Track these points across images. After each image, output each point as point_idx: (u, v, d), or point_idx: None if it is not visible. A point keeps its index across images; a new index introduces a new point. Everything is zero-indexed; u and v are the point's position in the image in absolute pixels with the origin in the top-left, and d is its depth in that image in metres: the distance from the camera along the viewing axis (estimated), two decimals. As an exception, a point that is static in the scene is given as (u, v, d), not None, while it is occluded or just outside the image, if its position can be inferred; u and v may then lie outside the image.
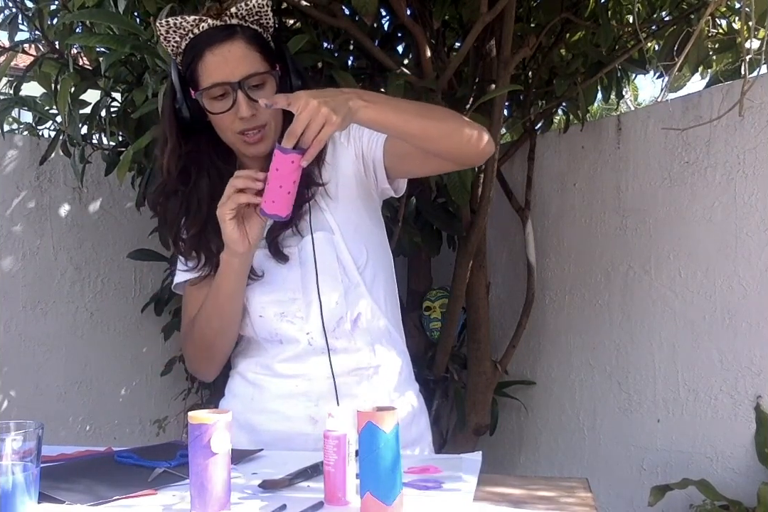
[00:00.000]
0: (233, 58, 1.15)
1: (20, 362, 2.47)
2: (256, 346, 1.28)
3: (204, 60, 1.15)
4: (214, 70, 1.15)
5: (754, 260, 1.96)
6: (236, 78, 1.14)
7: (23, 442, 0.79)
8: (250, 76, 1.15)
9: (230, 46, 1.15)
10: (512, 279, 2.60)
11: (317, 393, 1.22)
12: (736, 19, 2.22)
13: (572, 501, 0.91)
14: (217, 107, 1.17)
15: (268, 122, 1.19)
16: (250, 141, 1.19)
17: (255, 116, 1.16)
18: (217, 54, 1.15)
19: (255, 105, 1.15)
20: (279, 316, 1.22)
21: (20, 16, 2.05)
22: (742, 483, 1.95)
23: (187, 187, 1.24)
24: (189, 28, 1.16)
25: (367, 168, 1.24)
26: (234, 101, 1.15)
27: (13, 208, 2.49)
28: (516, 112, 2.54)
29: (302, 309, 1.21)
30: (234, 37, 1.15)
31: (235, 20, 1.17)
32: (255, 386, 1.27)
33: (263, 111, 1.16)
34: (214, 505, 0.84)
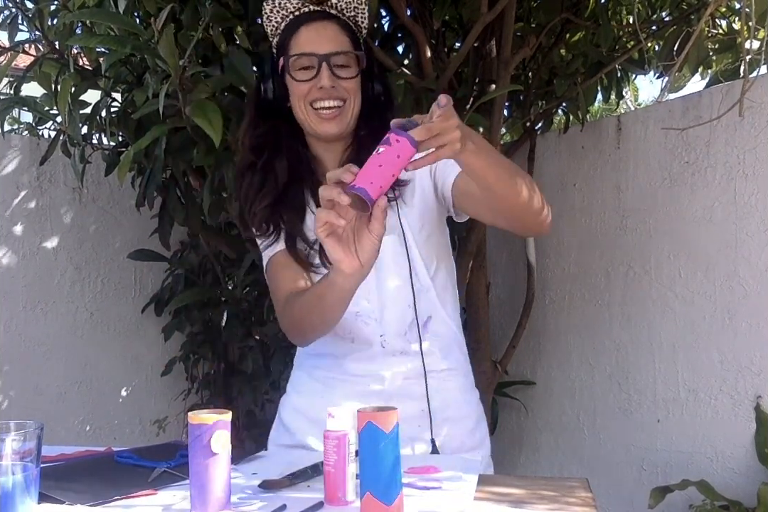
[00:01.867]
0: (325, 35, 1.19)
1: (20, 362, 2.47)
2: (324, 343, 1.24)
3: (298, 33, 1.20)
4: (305, 41, 1.19)
5: (754, 260, 1.96)
6: (324, 51, 1.17)
7: (23, 442, 0.79)
8: (338, 53, 1.18)
9: (325, 25, 1.20)
10: (512, 279, 2.60)
11: (388, 393, 1.21)
12: (735, 20, 2.22)
13: (572, 501, 0.91)
14: (300, 75, 1.19)
15: (347, 99, 1.20)
16: (325, 117, 1.19)
17: (335, 88, 1.18)
18: (311, 29, 1.19)
19: (337, 81, 1.18)
20: (354, 315, 1.21)
21: (20, 16, 2.05)
22: (742, 483, 1.95)
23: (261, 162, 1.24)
24: (291, 10, 1.22)
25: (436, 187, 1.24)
26: (317, 72, 1.17)
27: (13, 208, 2.49)
28: (516, 112, 2.54)
29: (376, 311, 1.22)
30: (329, 20, 1.20)
31: (334, 11, 1.22)
32: (325, 384, 1.26)
33: (344, 86, 1.19)
34: (214, 505, 0.84)
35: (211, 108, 1.55)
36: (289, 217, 1.23)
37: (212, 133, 1.52)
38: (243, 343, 2.60)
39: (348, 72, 1.19)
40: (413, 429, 1.20)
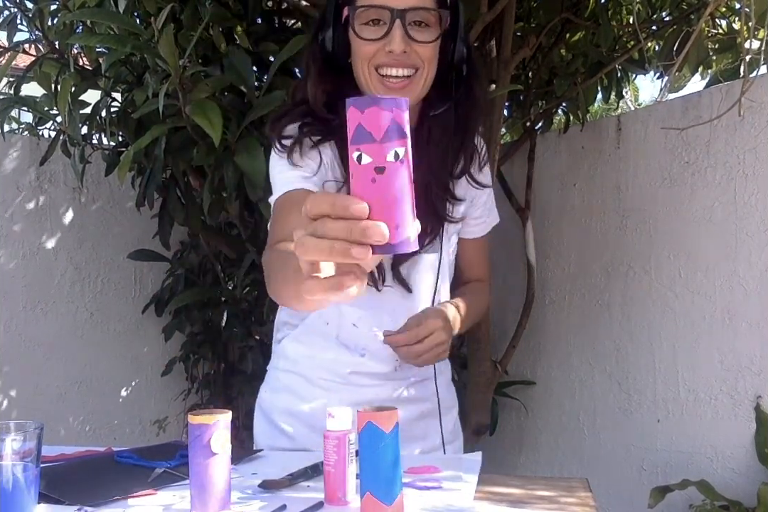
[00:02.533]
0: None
1: (20, 362, 2.48)
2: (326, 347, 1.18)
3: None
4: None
5: (754, 260, 1.96)
6: (399, 4, 0.98)
7: (23, 442, 0.79)
8: (416, 9, 0.98)
9: None
10: (512, 279, 2.60)
11: (392, 400, 1.20)
12: (735, 20, 2.22)
13: (572, 501, 0.91)
14: (366, 33, 1.01)
15: (419, 67, 1.02)
16: (392, 86, 1.02)
17: (406, 53, 1.00)
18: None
19: (411, 44, 0.99)
20: (374, 336, 1.14)
21: (20, 16, 2.05)
22: (742, 483, 1.95)
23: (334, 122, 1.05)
24: None
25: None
26: (388, 31, 0.98)
27: (14, 208, 2.49)
28: (516, 112, 2.54)
29: None
30: None
31: None
32: (328, 391, 1.20)
33: (419, 52, 1.00)
34: (214, 505, 0.84)
35: (212, 107, 1.55)
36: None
37: (212, 133, 1.52)
38: (243, 343, 2.60)
39: (426, 34, 1.00)
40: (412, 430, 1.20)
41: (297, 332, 1.22)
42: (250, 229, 2.17)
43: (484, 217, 1.27)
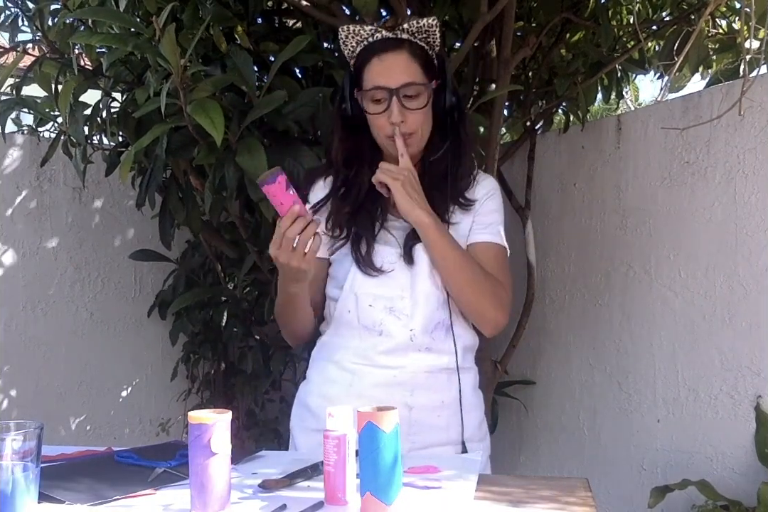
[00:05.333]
0: (396, 67, 1.28)
1: (20, 362, 2.48)
2: (352, 336, 1.35)
3: (371, 64, 1.29)
4: (377, 74, 1.29)
5: (754, 260, 1.96)
6: (394, 85, 1.27)
7: (23, 442, 0.79)
8: (407, 85, 1.27)
9: (396, 56, 1.28)
10: (512, 278, 2.60)
11: (413, 383, 1.31)
12: (736, 19, 2.22)
13: (572, 501, 0.91)
14: (373, 108, 1.30)
15: (415, 131, 1.31)
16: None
17: (404, 122, 1.28)
18: (384, 60, 1.28)
19: (406, 112, 1.28)
20: (387, 310, 1.32)
21: (22, 17, 2.05)
22: (742, 483, 1.95)
23: (351, 173, 1.38)
24: (365, 36, 1.31)
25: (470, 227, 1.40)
26: (388, 106, 1.27)
27: (14, 208, 2.49)
28: (516, 111, 2.54)
29: (408, 307, 1.31)
30: (401, 48, 1.28)
31: (406, 35, 1.30)
32: (354, 373, 1.33)
33: (413, 119, 1.29)
34: (214, 505, 0.84)
35: (213, 107, 1.55)
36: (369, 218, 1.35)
37: (214, 132, 1.52)
38: (243, 343, 2.60)
39: (418, 102, 1.28)
40: (432, 418, 1.31)
41: (330, 325, 1.40)
42: (251, 229, 2.17)
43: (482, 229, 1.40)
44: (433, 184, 1.35)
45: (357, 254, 1.33)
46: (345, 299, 1.34)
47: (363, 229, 1.34)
